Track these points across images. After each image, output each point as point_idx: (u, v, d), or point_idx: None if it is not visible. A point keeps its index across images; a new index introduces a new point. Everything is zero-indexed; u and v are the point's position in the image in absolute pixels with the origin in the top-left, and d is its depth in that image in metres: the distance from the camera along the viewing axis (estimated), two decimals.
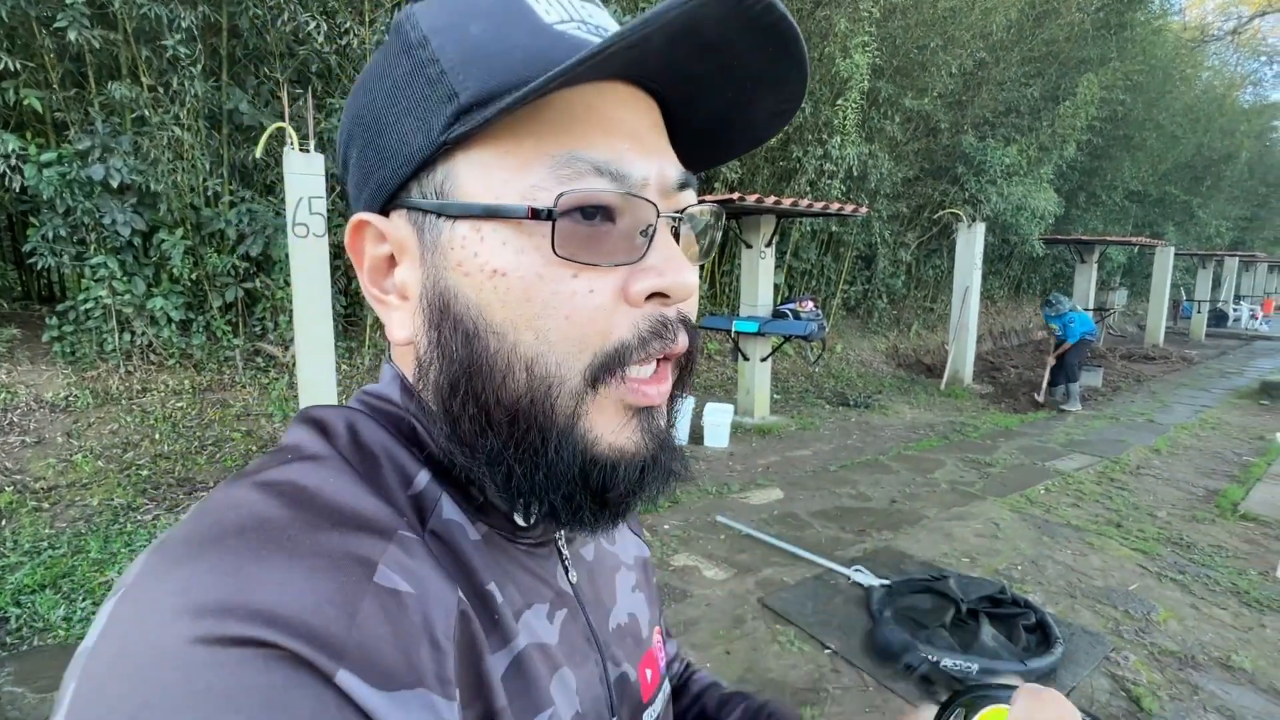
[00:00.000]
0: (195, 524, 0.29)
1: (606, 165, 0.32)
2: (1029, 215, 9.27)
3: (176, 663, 0.24)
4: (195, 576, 0.26)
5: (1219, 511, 4.23)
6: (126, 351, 4.79)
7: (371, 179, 0.35)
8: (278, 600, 0.26)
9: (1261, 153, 22.04)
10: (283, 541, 0.28)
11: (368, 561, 0.29)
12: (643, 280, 0.33)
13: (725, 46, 0.32)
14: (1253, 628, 2.83)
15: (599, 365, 0.33)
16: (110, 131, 4.39)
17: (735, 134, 0.39)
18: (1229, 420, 6.99)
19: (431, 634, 0.29)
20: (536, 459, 0.33)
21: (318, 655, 0.25)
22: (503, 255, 0.32)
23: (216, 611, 0.25)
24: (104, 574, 3.01)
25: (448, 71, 0.32)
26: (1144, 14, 12.30)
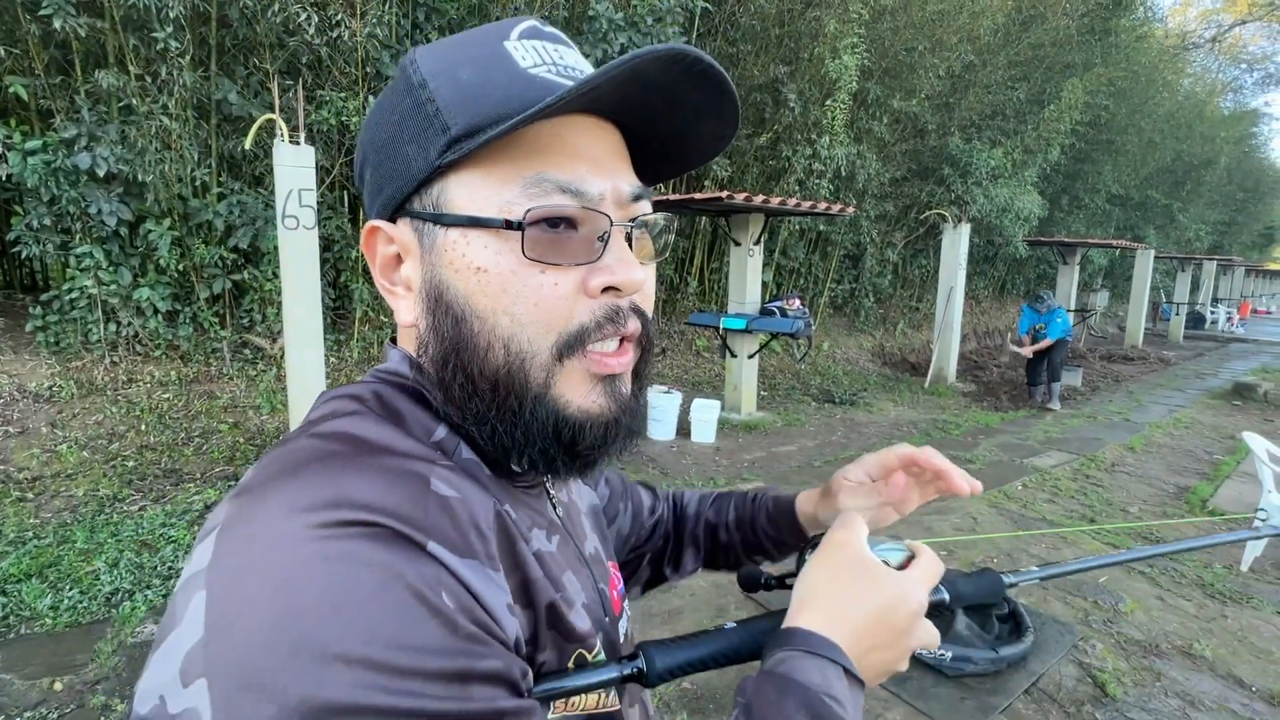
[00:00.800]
0: (269, 468, 0.36)
1: (568, 184, 0.40)
2: (1013, 217, 9.41)
3: (308, 541, 0.31)
4: (297, 489, 0.34)
5: (1188, 507, 4.37)
6: (112, 342, 4.76)
7: (383, 193, 0.44)
8: (370, 497, 0.33)
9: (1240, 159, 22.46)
10: (356, 463, 0.36)
11: (422, 476, 0.37)
12: (598, 277, 0.41)
13: (668, 88, 0.40)
14: (1215, 618, 2.95)
15: (564, 343, 0.40)
16: (97, 120, 4.35)
17: (686, 153, 0.48)
18: (1202, 420, 7.17)
19: (477, 524, 0.37)
20: (515, 419, 0.41)
21: (413, 532, 0.33)
22: (484, 256, 0.40)
23: (327, 506, 0.32)
24: (90, 563, 3.01)
25: (442, 110, 0.40)
26: (1128, 20, 12.49)
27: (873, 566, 0.47)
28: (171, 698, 0.30)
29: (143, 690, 0.31)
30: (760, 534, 0.72)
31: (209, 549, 0.33)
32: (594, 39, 5.74)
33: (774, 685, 0.41)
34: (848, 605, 0.45)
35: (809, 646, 0.43)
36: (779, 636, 0.44)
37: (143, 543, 3.23)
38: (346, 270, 5.66)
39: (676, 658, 0.47)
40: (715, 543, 0.75)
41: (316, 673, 0.28)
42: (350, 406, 0.42)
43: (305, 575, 0.30)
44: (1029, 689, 2.37)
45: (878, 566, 0.47)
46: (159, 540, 3.26)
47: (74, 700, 2.18)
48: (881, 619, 0.45)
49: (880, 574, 0.47)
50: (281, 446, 0.39)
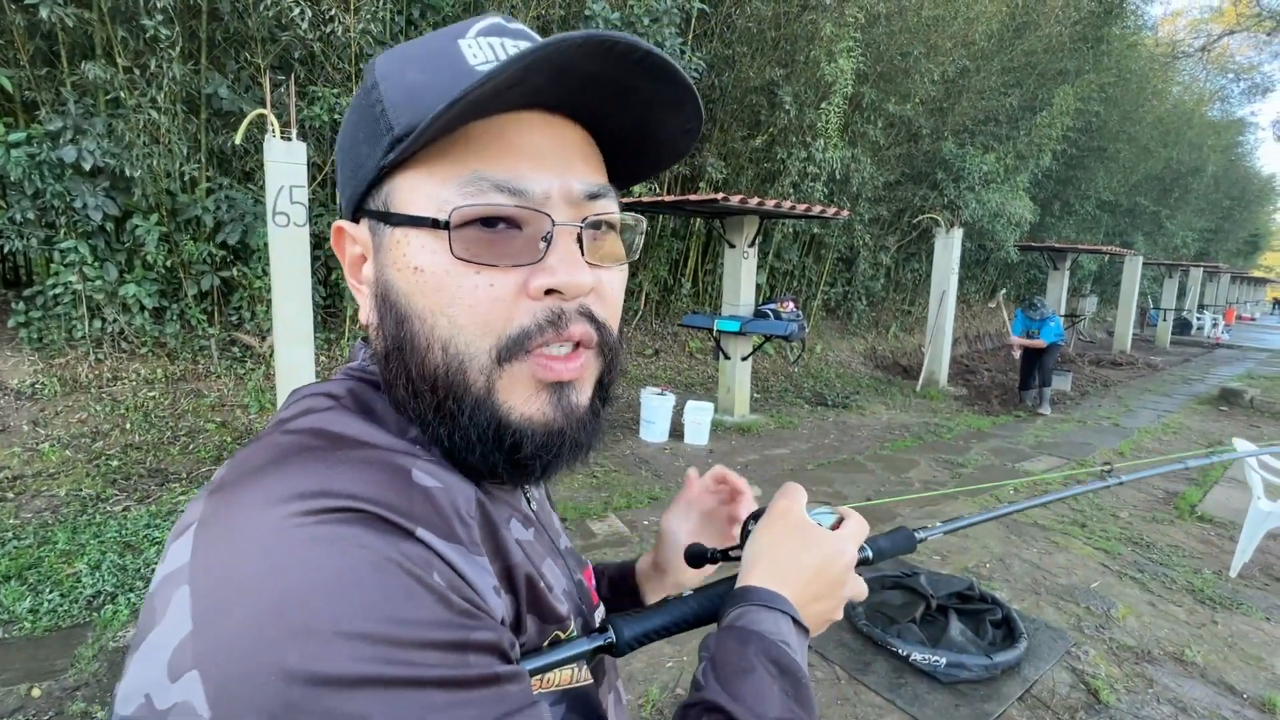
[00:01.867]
0: (245, 463, 0.35)
1: (506, 183, 0.38)
2: (1005, 222, 9.47)
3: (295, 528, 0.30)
4: (277, 481, 0.33)
5: (1177, 513, 4.39)
6: (97, 339, 4.68)
7: (345, 192, 0.44)
8: (356, 487, 0.33)
9: (1227, 167, 22.76)
10: (336, 456, 0.35)
11: (403, 468, 0.37)
12: (539, 278, 0.39)
13: (612, 81, 0.38)
14: (1205, 624, 2.96)
15: (503, 346, 0.39)
16: (83, 113, 4.28)
17: (652, 150, 0.46)
18: (1190, 425, 7.23)
19: (459, 512, 0.38)
20: (454, 422, 0.40)
21: (400, 519, 0.33)
22: (421, 255, 0.39)
23: (311, 495, 0.32)
24: (72, 565, 2.95)
25: (388, 110, 0.39)
26: (1119, 29, 12.62)
27: (811, 528, 0.53)
28: (159, 694, 0.28)
29: (124, 692, 0.29)
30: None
31: (186, 546, 0.32)
32: None
33: (734, 636, 0.45)
34: (792, 562, 0.50)
35: (761, 600, 0.48)
36: (734, 595, 0.50)
37: (126, 544, 3.17)
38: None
39: (642, 626, 0.51)
40: None
41: (316, 650, 0.28)
42: (325, 403, 0.41)
43: (296, 560, 0.29)
44: (1023, 696, 2.37)
45: (815, 528, 0.53)
46: (143, 542, 3.20)
47: (53, 707, 2.13)
48: (820, 573, 0.51)
49: (818, 534, 0.52)
50: (255, 443, 0.38)
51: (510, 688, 0.33)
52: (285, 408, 0.43)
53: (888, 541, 0.64)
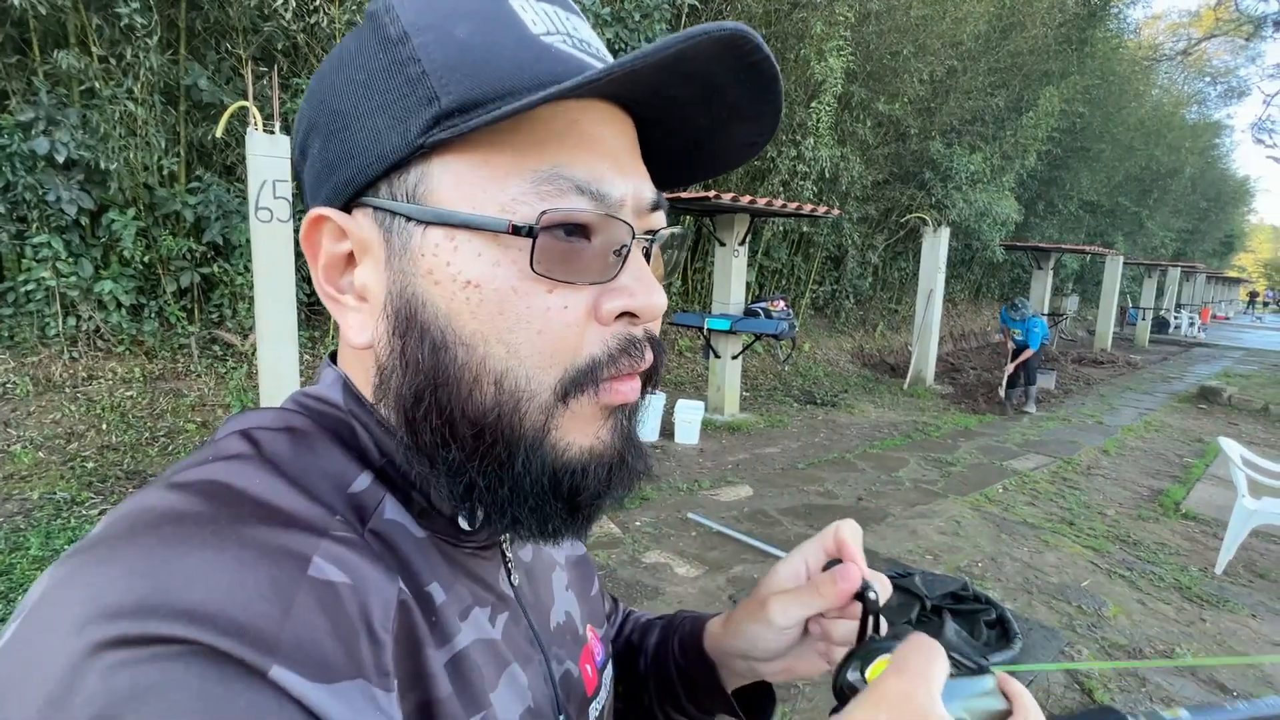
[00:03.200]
0: (105, 529, 0.28)
1: (588, 184, 0.32)
2: (991, 221, 9.56)
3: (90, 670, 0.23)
4: (106, 580, 0.25)
5: (1162, 510, 4.45)
6: (71, 337, 4.54)
7: (337, 173, 0.34)
8: (202, 597, 0.25)
9: (1204, 169, 23.22)
10: (205, 536, 0.27)
11: (300, 555, 0.28)
12: (614, 300, 0.33)
13: (709, 78, 0.32)
14: (1194, 621, 2.99)
15: (570, 380, 0.33)
16: (56, 103, 4.14)
17: (706, 159, 0.40)
18: (1171, 423, 7.35)
19: (369, 625, 0.29)
20: (502, 473, 0.33)
21: (248, 651, 0.24)
22: (477, 266, 0.32)
23: (131, 613, 0.24)
24: None
25: (429, 73, 0.31)
26: (1103, 32, 12.79)
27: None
28: None
29: None
30: (671, 664, 0.54)
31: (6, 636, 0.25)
32: None
33: None
34: None
35: None
36: None
37: None
38: None
39: None
40: (633, 675, 0.57)
41: None
42: (237, 447, 0.33)
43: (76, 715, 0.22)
44: None
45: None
46: None
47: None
48: None
49: None
50: (132, 499, 0.30)
51: None
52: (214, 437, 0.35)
53: None
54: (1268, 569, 3.60)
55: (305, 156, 0.37)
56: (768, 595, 0.47)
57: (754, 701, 0.52)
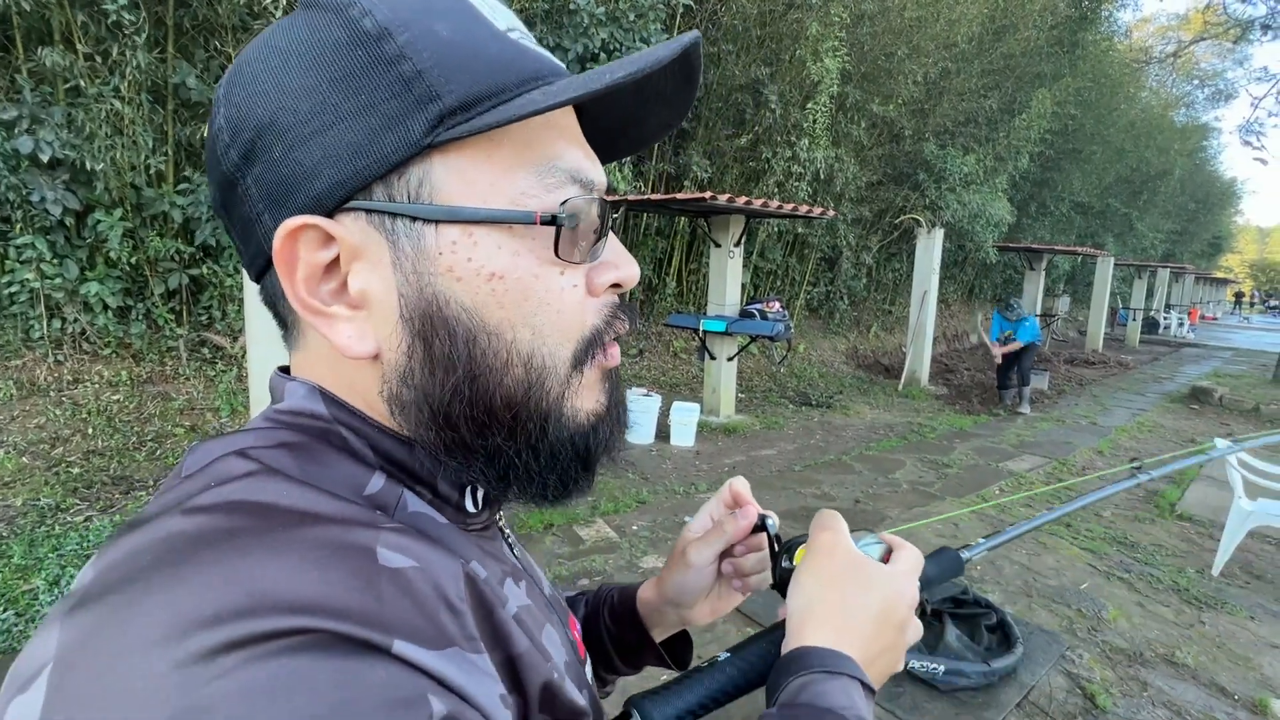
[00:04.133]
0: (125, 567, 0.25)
1: (577, 173, 0.35)
2: (985, 223, 9.59)
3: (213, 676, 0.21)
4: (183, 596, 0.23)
5: (1158, 512, 4.45)
6: (56, 339, 4.46)
7: (318, 179, 0.32)
8: (299, 591, 0.24)
9: (1192, 171, 23.44)
10: (268, 544, 0.26)
11: (366, 548, 0.28)
12: (604, 274, 0.37)
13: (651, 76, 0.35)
14: (1193, 624, 2.98)
15: (581, 350, 0.36)
16: (40, 101, 4.06)
17: (628, 138, 0.43)
18: (1163, 423, 7.38)
19: (446, 599, 0.29)
20: (537, 446, 0.35)
21: (367, 631, 0.24)
22: (499, 258, 0.33)
23: (234, 616, 0.23)
24: (28, 580, 2.78)
25: (424, 71, 0.31)
26: (1094, 34, 12.88)
27: (866, 566, 0.46)
28: None
29: None
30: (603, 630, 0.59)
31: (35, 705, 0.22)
32: (575, 32, 5.62)
33: (804, 716, 0.38)
34: (851, 613, 0.43)
35: (827, 666, 0.40)
36: (791, 660, 0.41)
37: (88, 557, 2.99)
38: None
39: (675, 706, 0.43)
40: None
41: None
42: (242, 466, 0.30)
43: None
44: (1020, 702, 2.35)
45: (870, 564, 0.46)
46: None
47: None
48: (885, 620, 0.43)
49: (875, 573, 0.45)
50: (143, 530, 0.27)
51: None
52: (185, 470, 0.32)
53: (935, 567, 0.56)
54: (1264, 570, 3.61)
55: (253, 162, 0.33)
56: (684, 546, 0.56)
57: (676, 650, 0.60)
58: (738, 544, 0.55)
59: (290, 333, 0.38)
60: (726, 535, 0.55)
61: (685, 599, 0.55)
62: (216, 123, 0.34)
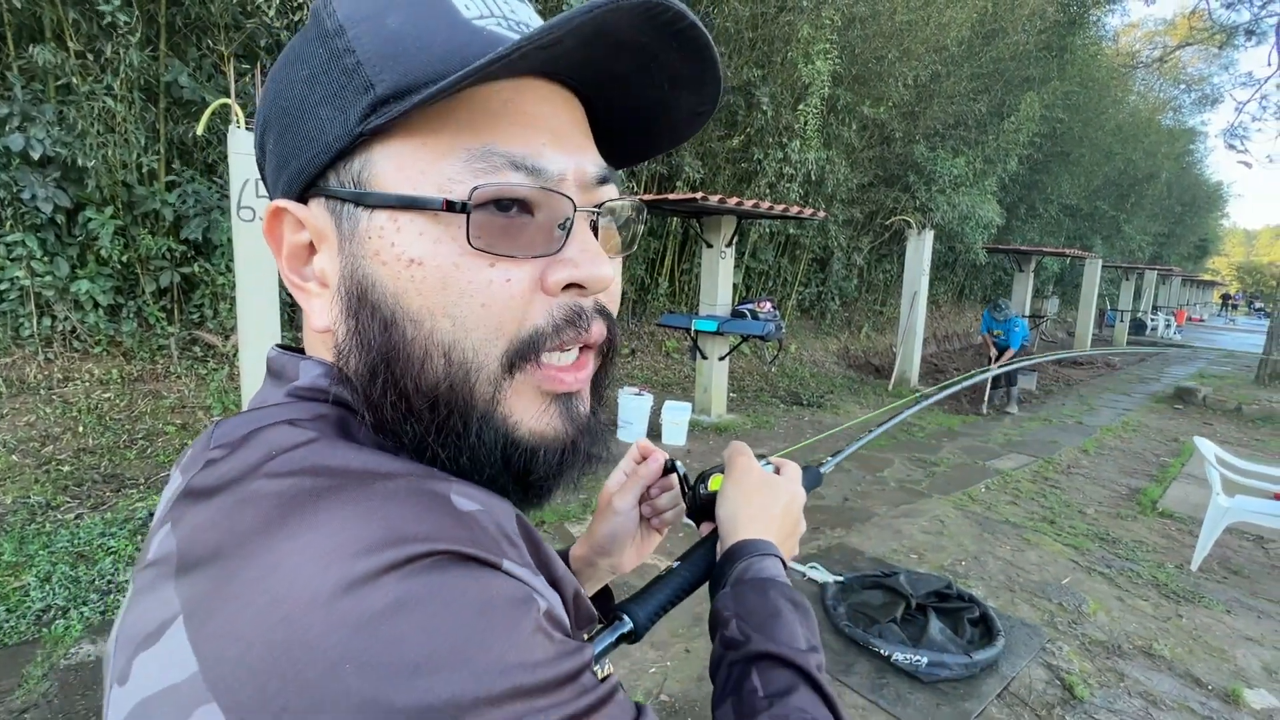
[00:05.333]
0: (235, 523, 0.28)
1: (523, 160, 0.33)
2: (974, 224, 9.68)
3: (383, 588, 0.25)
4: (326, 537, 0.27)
5: (1140, 509, 4.53)
6: (46, 337, 4.44)
7: (289, 165, 0.35)
8: (419, 526, 0.28)
9: (1179, 174, 23.70)
10: (370, 492, 0.29)
11: (442, 495, 0.31)
12: (559, 271, 0.35)
13: (639, 49, 0.34)
14: (1170, 617, 3.05)
15: (514, 351, 0.34)
16: (31, 98, 4.05)
17: (657, 132, 0.41)
18: (1148, 423, 7.49)
19: (508, 535, 0.32)
20: (459, 443, 0.35)
21: (482, 552, 0.29)
22: (419, 245, 0.33)
23: (382, 545, 0.26)
24: (19, 578, 2.78)
25: (364, 63, 0.32)
26: (1082, 39, 13.02)
27: (771, 479, 0.58)
28: None
29: None
30: None
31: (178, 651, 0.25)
32: None
33: (752, 588, 0.49)
34: (766, 512, 0.56)
35: (760, 551, 0.52)
36: (734, 551, 0.53)
37: (79, 554, 3.01)
38: None
39: (651, 604, 0.53)
40: None
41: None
42: (299, 434, 0.33)
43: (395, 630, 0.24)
44: (1001, 693, 2.40)
45: (774, 478, 0.58)
46: (97, 551, 3.04)
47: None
48: (787, 516, 0.57)
49: (777, 483, 0.58)
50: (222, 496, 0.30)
51: (621, 696, 0.32)
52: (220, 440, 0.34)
53: (806, 480, 0.69)
54: (1241, 565, 3.68)
55: (264, 153, 0.38)
56: (608, 497, 0.62)
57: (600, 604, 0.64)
58: (652, 486, 0.63)
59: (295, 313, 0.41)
60: (642, 478, 0.62)
61: (614, 547, 0.62)
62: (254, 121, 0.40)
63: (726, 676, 0.45)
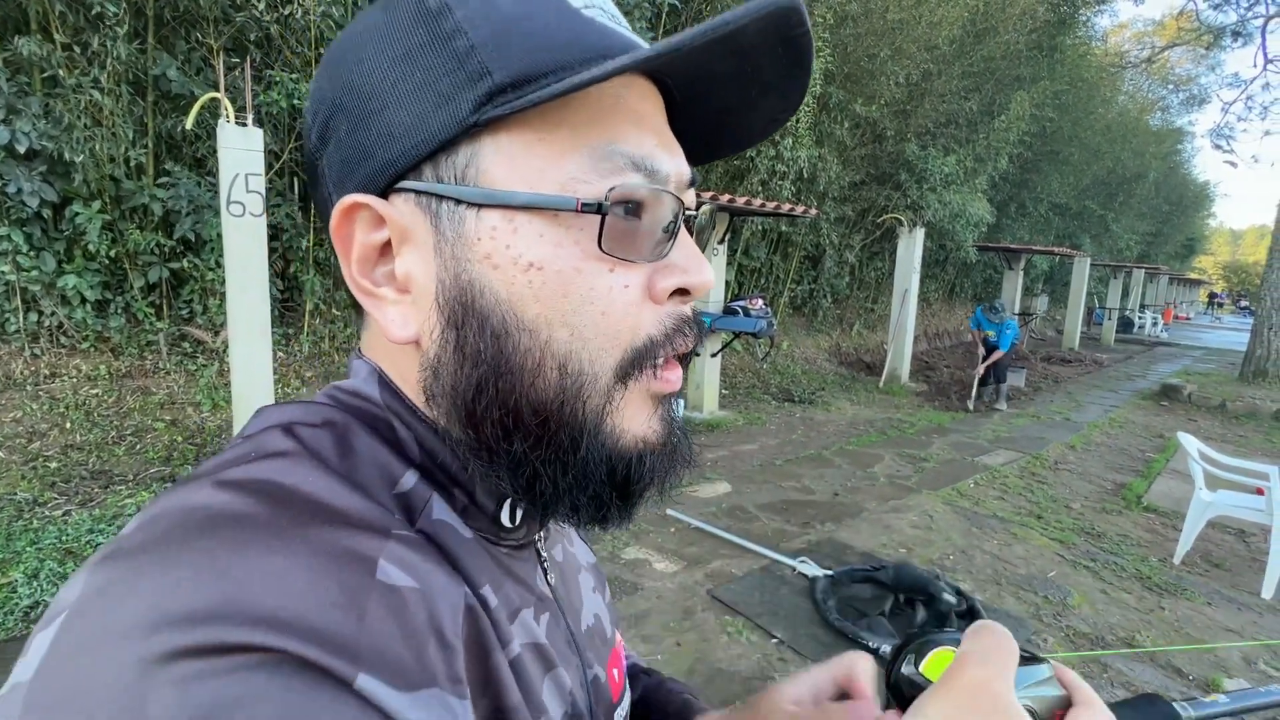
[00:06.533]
0: (149, 530, 0.26)
1: (642, 160, 0.32)
2: (965, 223, 9.76)
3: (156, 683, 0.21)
4: (168, 585, 0.23)
5: (1125, 503, 4.60)
6: (33, 333, 4.40)
7: (374, 157, 0.32)
8: (277, 602, 0.23)
9: (1167, 174, 23.96)
10: (269, 540, 0.25)
11: (367, 558, 0.27)
12: (668, 277, 0.33)
13: (749, 52, 0.31)
14: (1153, 609, 3.10)
15: (629, 361, 0.32)
16: (16, 91, 4.01)
17: (732, 134, 0.39)
18: (1134, 419, 7.59)
19: (440, 631, 0.27)
20: (566, 461, 0.32)
21: (333, 660, 0.23)
22: (539, 248, 0.31)
23: (204, 619, 0.22)
24: (6, 574, 2.77)
25: (478, 47, 0.30)
26: (1072, 39, 13.12)
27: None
28: None
29: None
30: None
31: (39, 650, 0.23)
32: None
33: None
34: None
35: None
36: None
37: (67, 550, 2.99)
38: (296, 261, 5.39)
39: None
40: None
41: None
42: (282, 444, 0.31)
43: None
44: None
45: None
46: (85, 548, 3.02)
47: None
48: None
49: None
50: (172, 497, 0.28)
51: None
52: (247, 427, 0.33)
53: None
54: (1223, 559, 3.75)
55: (326, 142, 0.34)
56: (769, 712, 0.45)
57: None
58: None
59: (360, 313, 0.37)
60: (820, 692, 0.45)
61: None
62: (307, 107, 0.35)
63: None
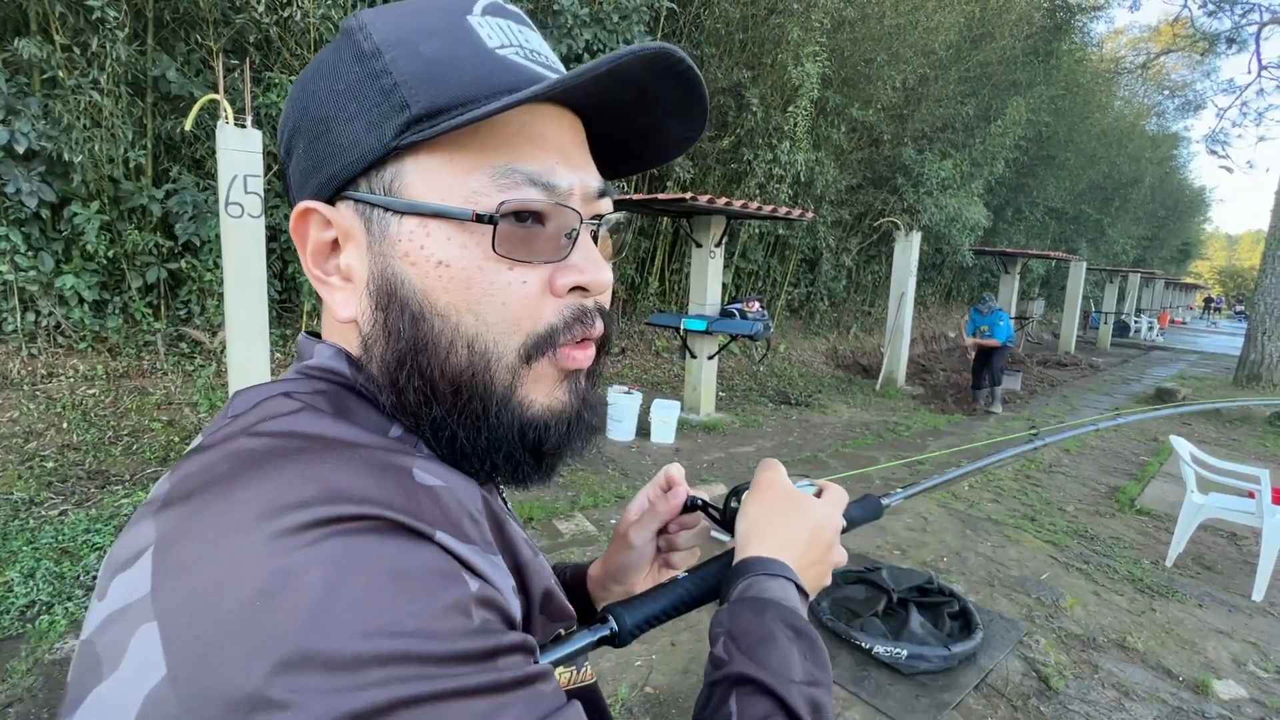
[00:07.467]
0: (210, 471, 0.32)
1: (538, 177, 0.38)
2: (961, 226, 9.79)
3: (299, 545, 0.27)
4: (268, 489, 0.29)
5: (1118, 506, 4.62)
6: (30, 333, 4.41)
7: (321, 170, 0.39)
8: (361, 490, 0.30)
9: (1162, 179, 24.04)
10: (327, 458, 0.32)
11: (403, 468, 0.34)
12: (566, 276, 0.39)
13: (643, 85, 0.39)
14: (1145, 611, 3.12)
15: (532, 344, 0.39)
16: (16, 92, 4.02)
17: (648, 151, 0.47)
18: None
19: (469, 512, 0.35)
20: (478, 424, 0.39)
21: (416, 522, 0.30)
22: (447, 249, 0.37)
23: (311, 502, 0.28)
24: (3, 574, 2.77)
25: (400, 84, 0.36)
26: (1068, 44, 13.19)
27: (800, 496, 0.54)
28: None
29: None
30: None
31: (142, 575, 0.28)
32: (559, 33, 5.66)
33: (749, 607, 0.45)
34: (787, 531, 0.51)
35: (767, 570, 0.48)
36: (739, 567, 0.49)
37: (63, 550, 3.00)
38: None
39: (643, 612, 0.50)
40: None
41: (337, 682, 0.25)
42: (288, 405, 0.37)
43: (303, 580, 0.26)
44: (979, 685, 2.46)
45: (804, 496, 0.54)
46: (82, 547, 3.03)
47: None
48: (813, 539, 0.52)
49: (807, 502, 0.54)
50: (210, 450, 0.33)
51: (543, 687, 0.32)
52: (235, 407, 0.38)
53: (859, 509, 0.64)
54: (1214, 561, 3.77)
55: (290, 155, 0.41)
56: (626, 528, 0.61)
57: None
58: (671, 522, 0.61)
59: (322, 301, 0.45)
60: (660, 515, 0.60)
61: (627, 576, 0.61)
62: (279, 125, 0.43)
63: (706, 698, 0.43)
